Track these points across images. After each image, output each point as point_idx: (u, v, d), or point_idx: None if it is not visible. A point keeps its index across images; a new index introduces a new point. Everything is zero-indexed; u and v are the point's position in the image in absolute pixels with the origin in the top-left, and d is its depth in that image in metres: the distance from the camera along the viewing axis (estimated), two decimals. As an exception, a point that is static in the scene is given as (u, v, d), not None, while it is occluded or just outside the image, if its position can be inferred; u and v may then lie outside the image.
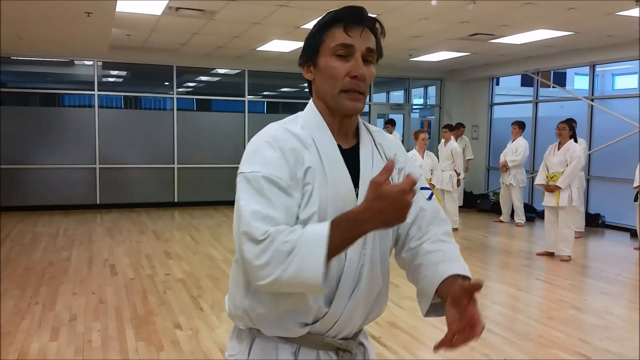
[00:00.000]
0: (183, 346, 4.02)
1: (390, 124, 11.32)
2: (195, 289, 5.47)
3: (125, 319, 4.58)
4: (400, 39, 8.89)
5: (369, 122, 12.39)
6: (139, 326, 4.41)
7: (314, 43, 1.47)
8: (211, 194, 11.41)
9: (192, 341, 4.12)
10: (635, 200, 7.72)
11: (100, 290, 5.38)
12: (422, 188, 1.55)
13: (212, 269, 6.31)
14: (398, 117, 13.65)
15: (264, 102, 13.28)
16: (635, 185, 7.65)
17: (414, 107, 13.78)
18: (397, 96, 14.94)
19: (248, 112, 11.73)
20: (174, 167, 11.23)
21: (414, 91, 13.73)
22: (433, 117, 13.89)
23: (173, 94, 11.21)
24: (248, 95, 11.73)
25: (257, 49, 9.98)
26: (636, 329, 4.60)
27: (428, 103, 14.54)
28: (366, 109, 13.22)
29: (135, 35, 8.96)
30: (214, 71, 12.28)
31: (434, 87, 13.62)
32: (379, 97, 14.10)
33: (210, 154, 11.46)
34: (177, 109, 11.24)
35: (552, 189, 6.99)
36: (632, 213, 8.13)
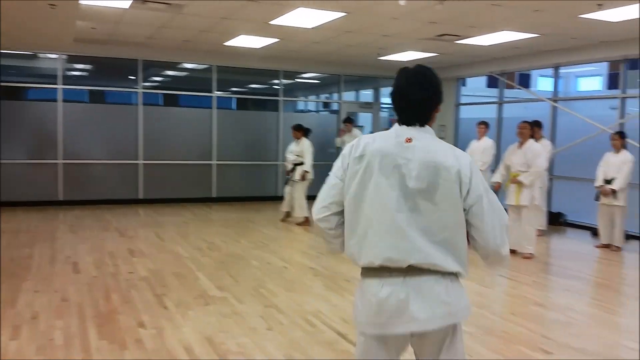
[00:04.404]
0: (147, 345, 3.96)
1: (349, 122, 11.00)
2: (159, 287, 5.39)
3: (88, 317, 4.49)
4: (369, 38, 8.93)
5: (339, 121, 12.09)
6: (102, 325, 4.33)
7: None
8: (178, 191, 11.24)
9: (156, 340, 4.06)
10: (597, 199, 7.90)
11: (62, 288, 5.27)
12: None
13: (177, 266, 6.24)
14: (367, 116, 13.69)
15: (233, 98, 13.17)
16: (596, 184, 7.84)
17: (383, 106, 13.85)
18: (367, 95, 14.98)
19: (217, 107, 11.61)
20: (139, 163, 11.05)
21: (383, 90, 13.79)
22: (401, 115, 13.95)
23: (139, 88, 11.03)
24: (217, 90, 11.61)
25: (226, 44, 9.89)
26: (597, 325, 4.72)
27: (397, 102, 14.59)
28: (336, 107, 13.24)
29: (101, 28, 8.78)
30: (181, 66, 12.13)
31: (403, 86, 13.67)
32: (348, 96, 14.11)
33: (177, 150, 11.29)
34: (143, 104, 11.07)
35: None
36: (593, 212, 8.31)
